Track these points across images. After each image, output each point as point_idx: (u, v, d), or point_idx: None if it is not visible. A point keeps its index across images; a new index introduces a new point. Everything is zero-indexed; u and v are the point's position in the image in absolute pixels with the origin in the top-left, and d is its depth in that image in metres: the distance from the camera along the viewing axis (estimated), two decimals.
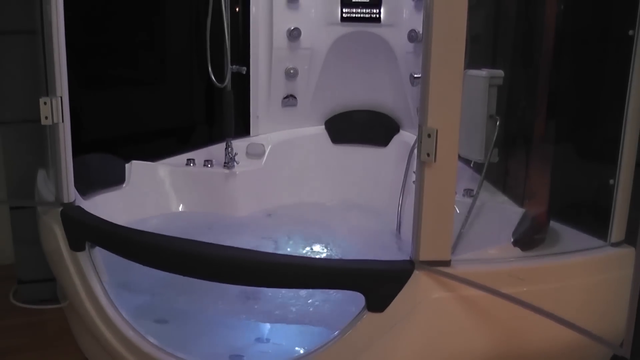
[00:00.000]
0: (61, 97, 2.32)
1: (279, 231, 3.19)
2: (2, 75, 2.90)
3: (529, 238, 2.15)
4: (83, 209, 2.42)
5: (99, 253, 2.36)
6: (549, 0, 2.51)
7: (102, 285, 2.31)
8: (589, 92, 2.30)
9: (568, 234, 2.18)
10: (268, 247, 2.97)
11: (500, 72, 2.50)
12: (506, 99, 2.54)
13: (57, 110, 2.31)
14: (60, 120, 2.33)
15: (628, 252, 2.06)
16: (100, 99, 3.15)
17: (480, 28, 2.78)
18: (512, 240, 2.15)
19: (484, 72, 2.47)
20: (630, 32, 1.95)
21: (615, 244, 2.09)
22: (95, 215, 2.36)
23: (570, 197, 2.37)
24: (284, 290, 2.52)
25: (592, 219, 2.20)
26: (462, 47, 1.75)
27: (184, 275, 2.09)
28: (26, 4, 2.81)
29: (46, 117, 2.31)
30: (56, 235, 2.38)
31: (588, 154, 2.33)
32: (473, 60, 2.40)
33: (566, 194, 2.39)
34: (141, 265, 2.15)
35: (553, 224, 2.23)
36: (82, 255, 2.33)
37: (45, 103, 2.30)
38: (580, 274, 2.03)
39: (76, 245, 2.33)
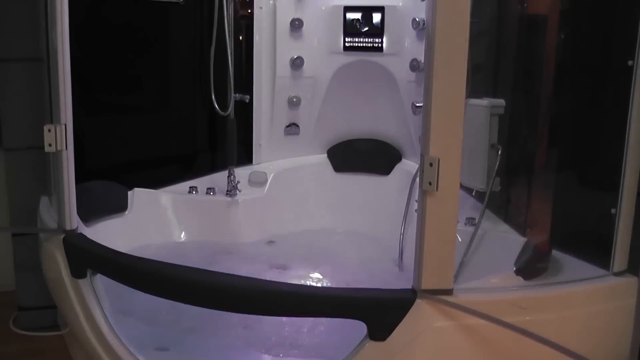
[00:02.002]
0: (65, 125, 2.33)
1: (280, 259, 3.18)
2: (7, 103, 2.93)
3: (531, 267, 2.14)
4: (85, 236, 2.43)
5: (101, 280, 2.35)
6: (549, 31, 2.54)
7: (103, 312, 2.30)
8: (589, 122, 2.32)
9: (570, 263, 2.18)
10: (269, 275, 2.96)
11: (501, 102, 2.51)
12: (507, 128, 2.55)
13: (61, 137, 2.32)
14: (64, 148, 2.34)
15: (630, 281, 2.06)
16: (103, 126, 3.17)
17: (482, 58, 2.80)
18: (514, 269, 2.14)
19: (485, 102, 2.49)
20: (630, 62, 1.97)
21: (618, 274, 2.08)
22: (97, 243, 2.36)
23: (572, 226, 2.37)
24: (284, 319, 2.51)
25: (594, 248, 2.20)
26: (464, 77, 1.76)
27: (185, 303, 2.09)
28: (31, 31, 2.84)
29: (50, 145, 2.32)
30: (58, 262, 2.38)
31: (589, 182, 2.34)
32: (474, 89, 2.42)
33: (568, 223, 2.38)
34: (142, 293, 2.15)
35: (555, 253, 2.23)
36: (83, 283, 2.32)
37: (49, 130, 2.31)
38: (582, 303, 2.02)
39: (78, 272, 2.33)
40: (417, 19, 3.27)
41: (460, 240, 2.35)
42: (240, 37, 3.47)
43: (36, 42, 2.81)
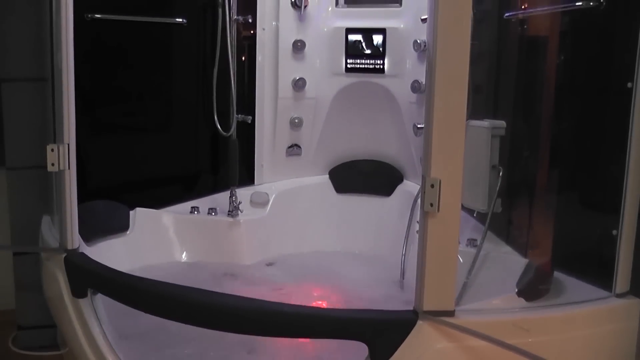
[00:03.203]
0: (68, 144, 2.34)
1: (282, 279, 3.18)
2: (11, 122, 2.94)
3: (533, 288, 2.14)
4: (86, 256, 2.42)
5: (101, 300, 2.35)
6: (549, 52, 2.56)
7: (103, 332, 2.29)
8: (590, 143, 2.32)
9: (572, 285, 2.17)
10: (271, 296, 2.95)
11: (502, 123, 2.52)
12: (508, 149, 2.56)
13: (64, 157, 2.33)
14: (67, 167, 2.34)
15: (633, 303, 2.05)
16: (105, 145, 3.18)
17: (482, 79, 2.82)
18: (516, 290, 2.14)
19: (486, 123, 2.50)
20: (629, 85, 1.98)
21: (620, 295, 2.08)
22: (98, 262, 2.36)
23: (574, 248, 2.36)
24: (285, 340, 2.50)
25: (596, 269, 2.19)
26: (465, 98, 1.77)
27: (187, 323, 2.08)
28: (34, 51, 2.86)
29: (53, 164, 2.33)
30: (59, 281, 2.38)
31: (590, 204, 2.34)
32: (475, 111, 2.43)
33: (570, 244, 2.38)
34: (143, 313, 2.14)
35: (557, 274, 2.22)
36: (84, 302, 2.31)
37: (52, 150, 2.32)
38: (585, 325, 2.01)
39: (78, 291, 2.33)
40: (418, 41, 3.29)
41: (461, 261, 2.35)
42: (243, 58, 3.49)
43: (40, 62, 2.83)
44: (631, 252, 2.05)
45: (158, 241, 3.23)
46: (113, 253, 2.88)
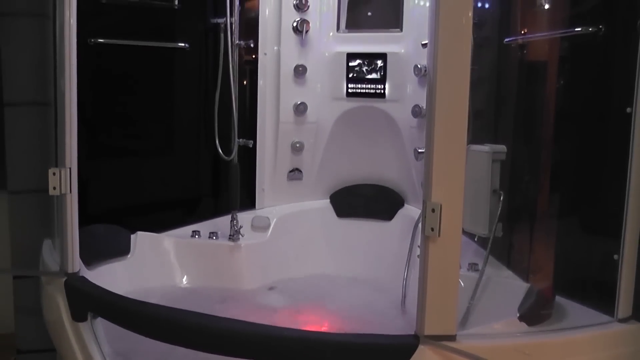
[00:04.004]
0: (70, 168, 2.35)
1: (283, 304, 3.17)
2: (12, 146, 2.95)
3: (534, 313, 2.13)
4: (87, 279, 2.42)
5: (101, 324, 2.34)
6: (549, 78, 2.58)
7: (103, 356, 2.28)
8: (590, 168, 2.33)
9: (574, 309, 2.16)
10: (271, 320, 2.93)
11: (502, 147, 2.53)
12: (509, 173, 2.56)
13: (66, 181, 2.34)
14: (68, 191, 2.35)
15: (636, 328, 2.04)
16: (107, 169, 3.19)
17: (483, 104, 2.83)
18: (517, 315, 2.13)
19: (486, 148, 2.51)
20: (628, 110, 1.99)
21: (623, 320, 2.07)
22: (98, 286, 2.35)
23: (576, 272, 2.36)
24: None
25: (598, 294, 2.19)
26: (465, 123, 1.78)
27: (187, 347, 2.07)
28: (37, 76, 2.88)
29: (54, 188, 2.33)
30: (59, 305, 2.37)
31: (591, 228, 2.34)
32: (476, 135, 2.44)
33: (571, 268, 2.38)
34: (144, 337, 2.13)
35: (559, 298, 2.22)
36: (84, 326, 2.31)
37: (54, 174, 2.33)
38: (587, 350, 2.00)
39: (78, 315, 2.32)
40: (419, 66, 3.31)
41: (463, 285, 2.34)
42: (245, 82, 3.51)
43: (43, 86, 2.85)
44: (633, 277, 2.05)
45: (159, 265, 3.22)
46: (114, 277, 2.87)
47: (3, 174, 2.98)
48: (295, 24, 3.49)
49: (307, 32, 3.50)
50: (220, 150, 3.33)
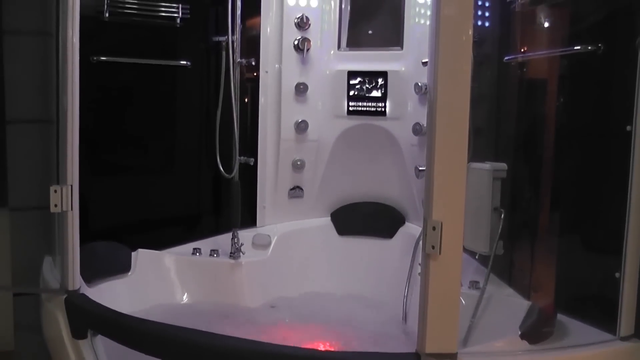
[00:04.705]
0: (71, 186, 2.35)
1: (283, 322, 3.15)
2: (14, 163, 2.96)
3: (536, 331, 2.12)
4: (87, 297, 2.42)
5: (101, 341, 2.33)
6: (548, 95, 2.59)
7: None
8: (591, 185, 2.33)
9: (576, 327, 2.15)
10: (272, 338, 2.92)
11: (503, 165, 2.54)
12: (510, 191, 2.56)
13: (67, 198, 2.34)
14: (70, 208, 2.35)
15: (638, 346, 2.03)
16: (108, 186, 3.19)
17: (483, 121, 2.84)
18: (519, 333, 2.12)
19: (487, 165, 2.52)
20: (628, 128, 2.00)
21: (625, 338, 2.06)
22: (98, 303, 2.35)
23: (577, 290, 2.35)
24: None
25: (600, 312, 2.18)
26: (465, 141, 1.79)
27: None
28: (39, 94, 2.90)
29: (56, 205, 2.33)
30: (59, 322, 2.37)
31: (593, 246, 2.33)
32: (476, 153, 2.45)
33: (573, 286, 2.37)
34: (144, 355, 2.12)
35: (560, 316, 2.21)
36: (83, 343, 2.30)
37: (55, 191, 2.33)
38: None
39: (78, 333, 2.31)
40: (419, 84, 3.33)
41: (464, 303, 2.34)
42: (246, 100, 3.53)
43: (45, 104, 2.86)
44: (635, 295, 2.05)
45: (159, 282, 3.22)
46: (114, 294, 2.86)
47: (4, 190, 2.98)
48: (296, 42, 3.51)
49: (308, 50, 3.52)
50: (221, 168, 3.34)
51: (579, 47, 2.33)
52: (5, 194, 2.99)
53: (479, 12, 2.95)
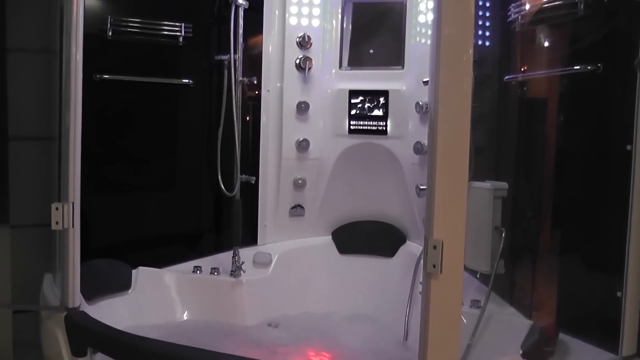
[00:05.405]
0: (73, 203, 2.35)
1: (284, 340, 3.14)
2: (15, 180, 2.97)
3: (538, 350, 2.11)
4: (87, 314, 2.41)
5: (101, 359, 2.32)
6: (549, 115, 2.60)
7: None
8: (592, 204, 2.33)
9: (578, 347, 2.15)
10: (272, 357, 2.91)
11: (504, 184, 2.54)
12: (511, 210, 2.57)
13: (68, 215, 2.34)
14: (71, 226, 2.36)
15: None
16: (109, 204, 3.20)
17: (484, 140, 2.85)
18: (520, 352, 2.11)
19: (488, 184, 2.52)
20: (628, 147, 2.01)
21: (627, 358, 2.05)
22: (98, 321, 2.34)
23: (579, 309, 2.35)
24: None
25: (602, 331, 2.17)
26: (466, 160, 1.79)
27: None
28: (41, 111, 2.91)
29: (57, 222, 2.34)
30: (58, 340, 2.36)
31: (594, 265, 2.33)
32: (477, 172, 2.45)
33: (574, 305, 2.37)
34: None
35: (562, 336, 2.20)
36: None
37: (57, 208, 2.33)
38: None
39: (78, 350, 2.31)
40: (420, 103, 3.34)
41: (465, 322, 2.33)
42: (248, 118, 3.54)
43: (47, 121, 2.87)
44: (637, 314, 2.04)
45: (160, 300, 3.21)
46: (114, 312, 2.86)
47: (6, 207, 2.99)
48: (298, 61, 3.53)
49: (309, 69, 3.53)
50: (222, 186, 3.34)
51: (578, 67, 2.34)
52: (7, 211, 2.99)
53: (480, 32, 2.98)
